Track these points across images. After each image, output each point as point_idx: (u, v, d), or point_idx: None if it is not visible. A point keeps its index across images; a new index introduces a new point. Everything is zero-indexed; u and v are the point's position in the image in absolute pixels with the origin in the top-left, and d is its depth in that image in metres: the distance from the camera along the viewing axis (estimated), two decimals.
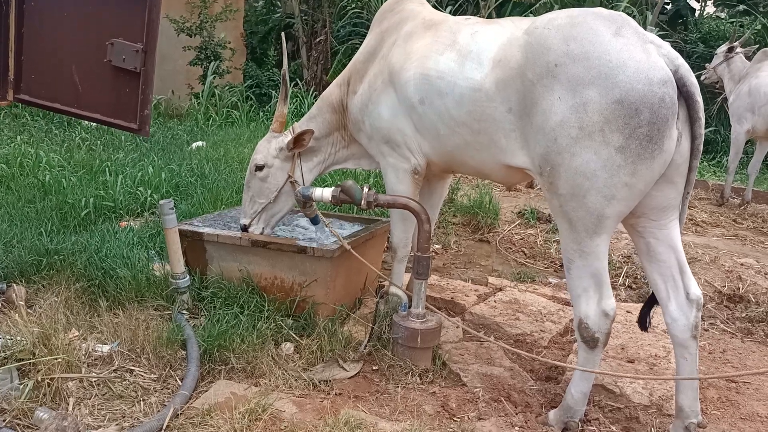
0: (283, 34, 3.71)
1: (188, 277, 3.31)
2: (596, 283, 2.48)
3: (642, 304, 2.82)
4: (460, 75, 2.74)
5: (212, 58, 10.79)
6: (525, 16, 11.71)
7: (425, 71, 2.86)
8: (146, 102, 2.54)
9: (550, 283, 4.52)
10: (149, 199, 4.84)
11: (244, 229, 3.47)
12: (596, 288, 2.49)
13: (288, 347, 3.08)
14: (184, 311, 3.25)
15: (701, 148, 2.44)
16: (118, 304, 3.30)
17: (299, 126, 3.46)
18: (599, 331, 2.50)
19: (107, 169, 5.37)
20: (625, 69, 2.27)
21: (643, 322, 2.77)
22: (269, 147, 3.45)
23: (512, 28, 2.68)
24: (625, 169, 2.29)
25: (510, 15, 11.93)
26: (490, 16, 11.49)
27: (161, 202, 3.22)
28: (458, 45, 2.81)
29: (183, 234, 3.40)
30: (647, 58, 2.30)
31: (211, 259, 3.46)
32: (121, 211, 4.69)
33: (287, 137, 3.39)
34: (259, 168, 3.42)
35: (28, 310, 2.98)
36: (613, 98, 2.26)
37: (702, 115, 2.38)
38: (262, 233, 3.45)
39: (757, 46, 7.32)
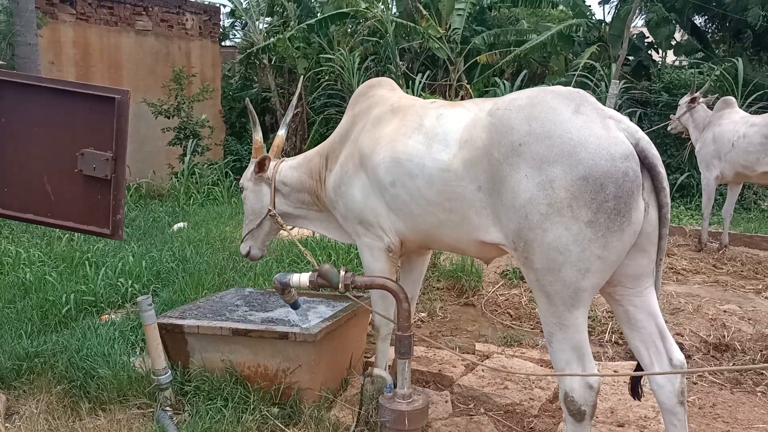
0: (247, 99, 4.01)
1: (170, 372, 3.28)
2: (578, 356, 2.49)
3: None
4: (428, 156, 2.81)
5: (191, 137, 10.94)
6: (492, 76, 12.08)
7: (395, 154, 2.94)
8: (118, 207, 2.57)
9: (537, 344, 4.51)
10: (130, 289, 4.82)
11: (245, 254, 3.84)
12: (578, 360, 2.49)
13: None
14: (168, 408, 3.20)
15: (669, 216, 2.50)
16: (100, 405, 3.24)
17: (283, 164, 3.75)
18: (585, 404, 2.49)
19: (87, 260, 5.36)
20: (587, 146, 2.32)
21: (636, 392, 2.77)
22: (248, 171, 3.78)
23: (476, 110, 2.77)
24: (597, 242, 2.33)
25: (479, 76, 12.32)
26: (459, 79, 11.84)
27: (139, 299, 3.22)
28: (425, 128, 2.89)
29: (163, 327, 3.39)
30: (608, 133, 2.37)
31: (193, 351, 3.44)
32: (102, 305, 4.65)
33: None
34: (241, 190, 3.82)
35: (6, 425, 2.93)
36: (577, 175, 2.31)
37: (666, 184, 2.45)
38: (248, 253, 3.82)
39: (716, 95, 7.56)
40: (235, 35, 17.49)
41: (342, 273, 3.08)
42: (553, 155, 2.36)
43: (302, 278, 3.17)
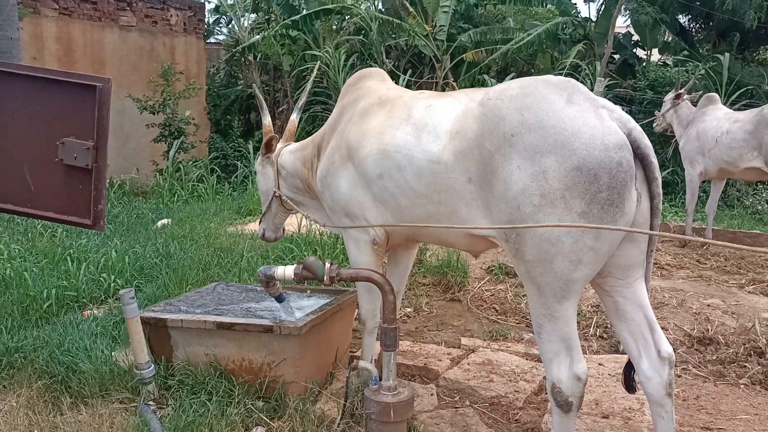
0: (255, 86, 4.09)
1: (153, 366, 3.24)
2: (567, 348, 2.49)
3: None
4: (417, 148, 2.77)
5: (176, 134, 10.86)
6: (479, 74, 12.09)
7: (383, 146, 2.90)
8: (99, 197, 2.53)
9: (523, 339, 4.52)
10: (113, 285, 4.77)
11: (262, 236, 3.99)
12: (567, 352, 2.49)
13: None
14: (151, 402, 3.16)
15: (660, 206, 2.49)
16: (81, 400, 3.20)
17: (285, 148, 3.78)
18: (572, 395, 2.49)
19: (69, 256, 5.30)
20: (581, 136, 2.30)
21: (629, 385, 2.77)
22: (259, 153, 3.84)
23: (467, 100, 2.74)
24: (589, 233, 2.31)
25: (465, 74, 12.34)
26: (446, 77, 11.84)
27: (122, 292, 3.18)
28: (414, 119, 2.85)
29: (146, 321, 3.35)
30: (601, 123, 2.34)
31: (177, 345, 3.40)
32: (84, 300, 4.60)
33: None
34: (257, 171, 3.88)
35: None
36: (571, 165, 2.29)
37: (658, 174, 2.44)
38: (263, 235, 3.97)
39: (701, 92, 7.62)
40: (220, 32, 17.41)
41: (327, 265, 3.06)
42: (546, 145, 2.33)
43: (287, 271, 3.16)
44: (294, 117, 3.99)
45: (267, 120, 3.86)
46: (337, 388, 3.44)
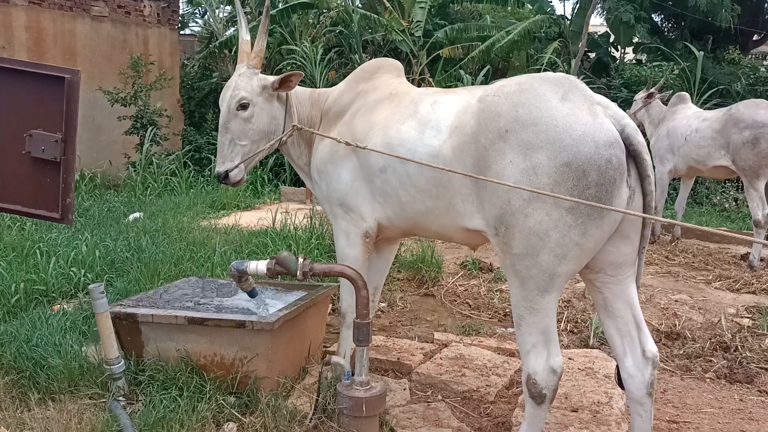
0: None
1: (123, 361, 3.21)
2: (545, 340, 2.53)
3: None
4: (420, 142, 2.82)
5: (149, 126, 10.71)
6: (455, 70, 12.10)
7: (388, 140, 2.93)
8: (68, 191, 2.49)
9: (495, 333, 4.56)
10: (83, 279, 4.70)
11: (225, 176, 3.28)
12: (545, 344, 2.54)
13: (231, 427, 3.00)
14: (121, 398, 3.13)
15: (653, 204, 2.54)
16: (50, 396, 3.15)
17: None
18: (547, 387, 2.54)
19: (39, 250, 5.20)
20: (572, 133, 2.35)
21: (623, 383, 2.80)
22: (252, 84, 3.27)
23: (467, 96, 2.80)
24: (576, 229, 2.36)
25: (442, 70, 12.35)
26: (422, 73, 11.86)
27: (91, 286, 3.14)
28: (419, 114, 2.91)
29: (116, 316, 3.31)
30: (593, 120, 2.39)
31: (147, 341, 3.37)
32: (54, 295, 4.53)
33: (269, 76, 3.31)
34: (244, 107, 3.24)
35: None
36: (561, 161, 2.34)
37: (651, 172, 2.48)
38: (226, 176, 3.27)
39: (671, 91, 7.75)
40: (195, 23, 17.20)
41: (300, 260, 3.06)
42: (538, 141, 2.38)
43: (259, 266, 3.15)
44: (264, 43, 3.39)
45: (248, 36, 3.38)
46: (310, 383, 3.44)
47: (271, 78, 3.32)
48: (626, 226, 2.50)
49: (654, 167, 7.13)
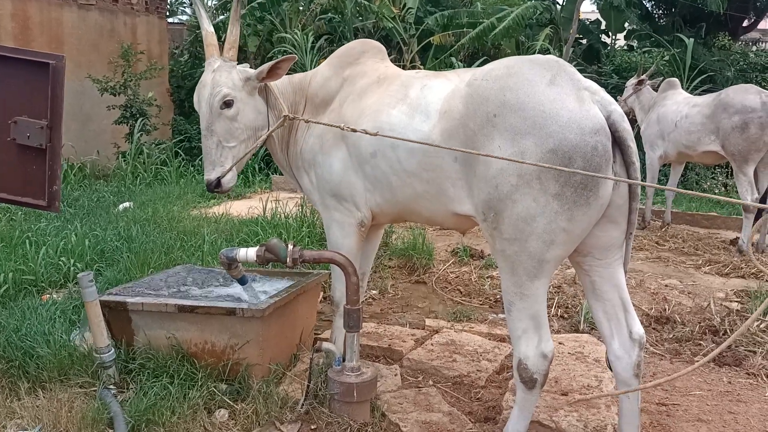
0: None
1: (113, 350, 3.20)
2: (536, 326, 2.54)
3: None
4: (410, 127, 2.81)
5: (138, 115, 10.63)
6: (446, 57, 12.02)
7: (378, 124, 2.90)
8: (54, 178, 2.47)
9: (486, 319, 4.58)
10: (72, 268, 4.67)
11: (217, 183, 3.09)
12: (535, 330, 2.55)
13: (222, 414, 3.00)
14: (111, 386, 3.13)
15: (639, 190, 2.55)
16: (39, 385, 3.15)
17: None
18: (538, 372, 2.55)
19: (28, 239, 5.17)
20: (558, 119, 2.34)
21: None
22: (232, 78, 3.09)
23: (457, 80, 2.79)
24: (563, 215, 2.37)
25: (433, 57, 12.30)
26: (413, 60, 11.80)
27: (80, 275, 3.12)
28: (409, 99, 2.89)
29: (106, 305, 3.30)
30: (580, 106, 2.38)
31: (138, 329, 3.36)
32: (43, 284, 4.50)
33: (248, 68, 3.15)
34: (228, 104, 3.06)
35: None
36: (547, 148, 2.33)
37: (636, 159, 2.48)
38: (218, 183, 3.09)
39: (662, 77, 7.75)
40: (183, 11, 17.04)
41: (290, 247, 3.06)
42: (525, 127, 2.38)
43: (249, 253, 3.14)
44: (237, 32, 3.26)
45: (211, 28, 3.25)
46: (301, 369, 3.45)
47: (251, 70, 3.17)
48: (613, 210, 2.51)
49: (644, 153, 7.21)
